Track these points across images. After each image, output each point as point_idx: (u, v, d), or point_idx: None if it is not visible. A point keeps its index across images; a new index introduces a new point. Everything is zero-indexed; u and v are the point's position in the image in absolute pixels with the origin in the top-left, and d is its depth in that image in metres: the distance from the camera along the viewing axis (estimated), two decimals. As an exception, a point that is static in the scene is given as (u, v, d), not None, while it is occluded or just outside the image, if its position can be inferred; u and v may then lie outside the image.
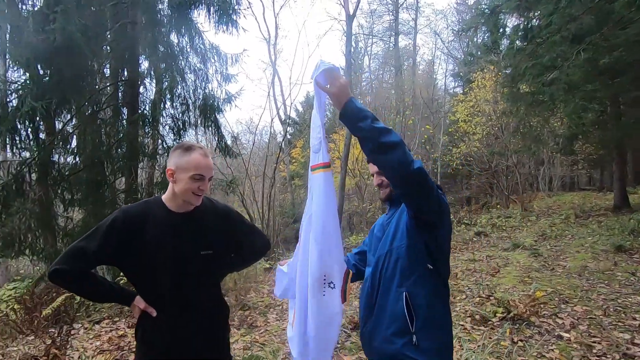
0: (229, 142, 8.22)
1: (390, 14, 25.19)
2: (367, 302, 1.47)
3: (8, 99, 5.75)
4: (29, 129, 5.68)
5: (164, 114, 7.45)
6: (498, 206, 14.48)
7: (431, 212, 1.31)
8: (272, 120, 20.29)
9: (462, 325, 3.61)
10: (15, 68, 5.82)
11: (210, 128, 7.39)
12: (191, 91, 7.55)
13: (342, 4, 12.83)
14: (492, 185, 16.88)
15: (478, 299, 4.34)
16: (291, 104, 21.58)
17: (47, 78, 5.86)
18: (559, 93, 8.26)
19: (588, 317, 3.70)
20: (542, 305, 3.85)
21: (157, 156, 7.42)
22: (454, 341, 3.18)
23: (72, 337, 3.60)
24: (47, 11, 5.56)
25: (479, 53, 18.99)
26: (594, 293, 4.43)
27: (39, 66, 5.66)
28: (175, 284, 1.38)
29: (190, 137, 8.91)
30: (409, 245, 1.37)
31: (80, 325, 4.25)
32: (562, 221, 10.02)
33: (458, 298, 4.54)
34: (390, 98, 20.08)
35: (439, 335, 1.35)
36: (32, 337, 3.90)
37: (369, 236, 1.69)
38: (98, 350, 3.46)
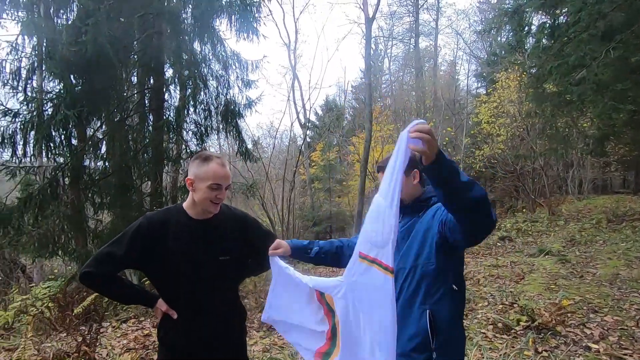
0: (249, 147, 8.40)
1: (411, 15, 24.93)
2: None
3: (44, 108, 6.11)
4: (63, 136, 6.01)
5: (188, 120, 7.69)
6: (524, 210, 14.02)
7: (479, 240, 1.33)
8: (292, 124, 20.44)
9: (484, 333, 3.53)
10: (50, 79, 6.15)
11: (231, 133, 7.57)
12: (213, 97, 7.76)
13: (361, 7, 12.86)
14: (517, 189, 16.34)
15: (501, 306, 4.22)
16: (311, 107, 21.76)
17: (79, 87, 6.18)
18: (587, 93, 7.93)
19: (619, 327, 3.53)
20: (569, 315, 3.71)
21: (181, 161, 7.66)
22: (474, 349, 3.12)
23: (101, 335, 3.77)
24: (80, 24, 5.88)
25: (503, 53, 18.50)
26: (626, 303, 4.22)
27: (72, 77, 5.97)
28: (193, 288, 1.44)
29: (212, 141, 9.15)
30: (439, 267, 1.39)
31: (108, 323, 4.45)
32: (593, 226, 9.59)
33: (480, 305, 4.43)
34: (411, 100, 19.87)
35: (456, 353, 1.40)
36: (65, 334, 4.10)
37: None
38: (125, 349, 3.61)
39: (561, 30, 7.64)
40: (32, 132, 5.67)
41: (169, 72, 7.97)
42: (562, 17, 8.16)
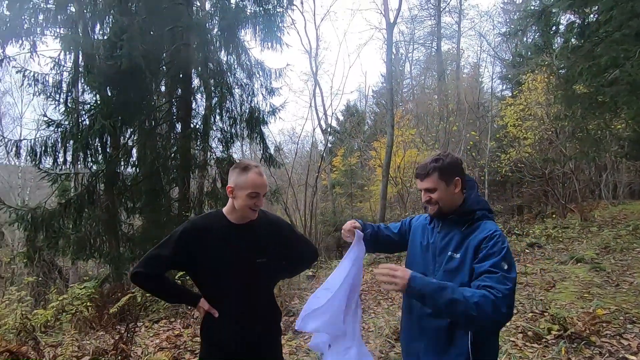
0: (272, 152, 8.57)
1: (432, 18, 24.72)
2: (418, 321, 1.49)
3: (81, 119, 6.49)
4: (99, 145, 6.35)
5: (214, 128, 7.94)
6: (554, 215, 13.50)
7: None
8: (314, 130, 20.65)
9: (513, 341, 3.45)
10: (88, 92, 6.52)
11: (256, 139, 7.75)
12: (238, 105, 7.99)
13: (383, 12, 12.89)
14: (546, 193, 15.78)
15: (531, 314, 4.11)
16: (332, 113, 21.90)
17: (114, 98, 6.53)
18: (621, 94, 7.62)
19: (659, 339, 3.37)
20: (604, 324, 3.57)
21: (208, 167, 7.92)
22: (504, 357, 3.06)
23: (135, 334, 3.94)
24: (115, 39, 6.24)
25: (529, 53, 17.98)
26: (667, 313, 4.01)
27: (108, 89, 6.32)
28: (233, 288, 1.53)
29: (235, 148, 9.40)
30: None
31: (141, 323, 4.64)
32: (630, 233, 9.12)
33: (508, 313, 4.33)
34: (433, 104, 19.63)
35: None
36: (102, 333, 4.32)
37: (406, 229, 1.71)
38: (158, 348, 3.76)
39: (591, 30, 7.39)
40: (71, 141, 6.03)
41: (196, 82, 8.28)
42: (592, 16, 7.88)
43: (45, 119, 5.79)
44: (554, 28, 10.97)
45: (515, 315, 4.21)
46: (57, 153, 5.92)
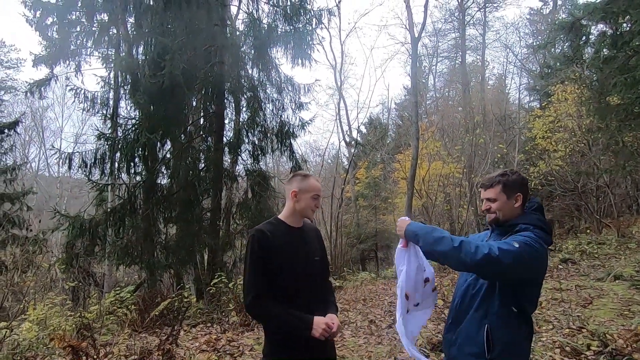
0: (300, 165, 8.79)
1: (456, 31, 24.72)
2: (456, 315, 1.65)
3: (126, 133, 6.95)
4: (141, 157, 6.77)
5: (245, 141, 8.27)
6: (588, 231, 12.98)
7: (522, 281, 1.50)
8: (339, 143, 20.92)
9: (551, 356, 3.42)
10: (134, 108, 6.99)
11: (285, 153, 8.01)
12: (269, 119, 8.31)
13: (407, 27, 13.10)
14: (579, 208, 15.20)
15: (567, 330, 4.04)
16: (358, 127, 22.12)
17: (156, 114, 6.98)
18: (659, 105, 7.41)
19: None
20: (647, 342, 3.47)
21: (238, 179, 8.22)
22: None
23: (177, 337, 4.16)
24: (158, 59, 6.70)
25: (558, 64, 17.62)
26: None
27: (151, 105, 6.77)
28: (301, 285, 1.69)
29: (266, 161, 9.70)
30: (498, 286, 1.52)
31: (179, 327, 4.86)
32: (672, 250, 8.69)
33: (544, 328, 4.27)
34: (458, 116, 19.48)
35: None
36: (144, 335, 4.57)
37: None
38: (198, 350, 3.95)
39: (624, 40, 7.27)
40: (117, 154, 6.47)
41: (229, 98, 8.69)
42: (625, 25, 7.75)
43: (97, 132, 6.27)
44: (583, 38, 10.78)
45: (551, 330, 4.15)
46: (104, 165, 6.37)
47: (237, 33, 8.21)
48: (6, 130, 11.04)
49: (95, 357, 3.18)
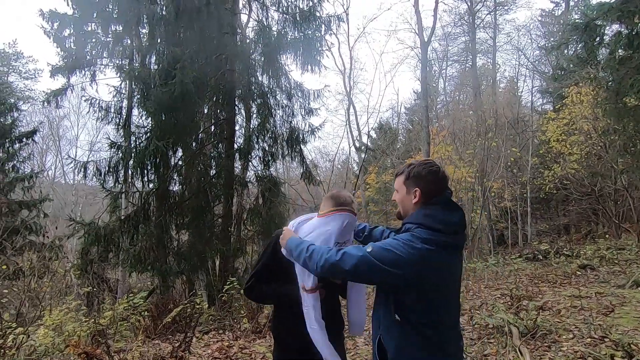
0: (310, 170, 8.79)
1: (466, 35, 24.56)
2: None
3: (138, 141, 7.07)
4: (153, 164, 6.86)
5: (256, 147, 8.31)
6: (607, 236, 12.61)
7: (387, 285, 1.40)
8: (349, 148, 20.91)
9: (572, 367, 3.30)
10: (145, 117, 7.11)
11: (296, 158, 8.02)
12: (279, 125, 8.34)
13: (417, 32, 13.07)
14: (596, 212, 14.80)
15: (589, 339, 3.90)
16: (368, 132, 22.09)
17: (167, 122, 7.07)
18: (679, 106, 7.20)
19: None
20: (674, 353, 3.32)
21: (249, 185, 8.26)
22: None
23: (190, 344, 4.15)
24: (169, 68, 6.81)
25: (572, 66, 17.32)
26: None
27: (162, 114, 6.87)
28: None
29: (277, 167, 9.72)
30: (381, 295, 1.43)
31: (192, 334, 4.86)
32: (697, 255, 8.37)
33: (564, 337, 4.12)
34: (469, 120, 19.27)
35: None
36: (157, 341, 4.58)
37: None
38: (211, 358, 3.94)
39: (640, 40, 7.11)
40: (130, 162, 6.57)
41: (239, 105, 8.76)
42: (641, 24, 7.56)
43: (109, 141, 6.39)
44: (597, 39, 10.59)
45: (572, 340, 4.02)
46: (118, 172, 6.47)
47: (247, 41, 8.30)
48: (24, 139, 11.37)
49: (109, 364, 3.20)
